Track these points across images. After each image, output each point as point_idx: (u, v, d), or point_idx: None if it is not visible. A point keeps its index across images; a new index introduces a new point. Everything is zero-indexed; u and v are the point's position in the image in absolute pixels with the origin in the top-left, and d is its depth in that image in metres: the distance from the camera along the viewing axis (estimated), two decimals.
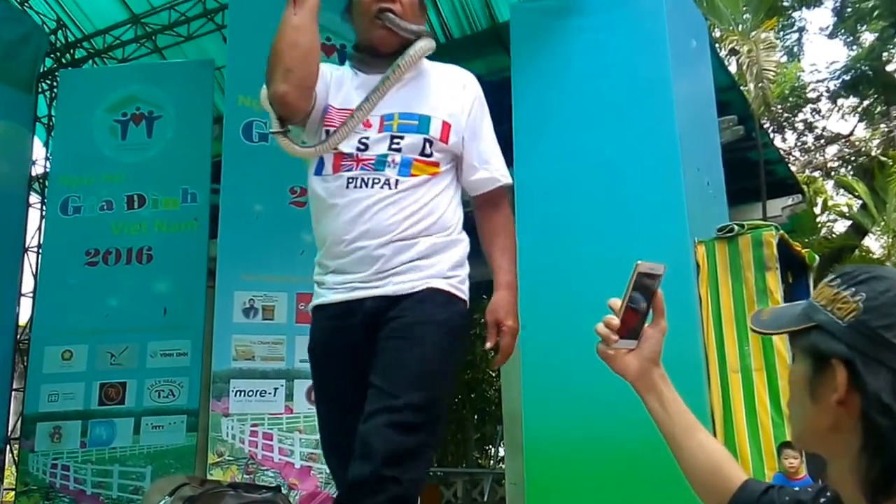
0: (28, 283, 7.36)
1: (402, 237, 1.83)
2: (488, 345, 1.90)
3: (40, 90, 7.70)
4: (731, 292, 4.27)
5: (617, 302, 1.14)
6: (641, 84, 4.37)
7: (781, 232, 4.38)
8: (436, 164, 1.91)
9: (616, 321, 1.14)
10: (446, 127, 1.92)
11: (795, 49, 16.38)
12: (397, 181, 1.85)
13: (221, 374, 5.44)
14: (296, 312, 5.60)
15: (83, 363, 6.23)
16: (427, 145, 1.89)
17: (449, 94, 1.99)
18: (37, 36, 7.50)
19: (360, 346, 1.80)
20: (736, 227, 4.29)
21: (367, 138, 1.87)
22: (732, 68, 9.35)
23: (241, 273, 5.57)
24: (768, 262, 4.18)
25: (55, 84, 7.62)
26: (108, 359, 6.16)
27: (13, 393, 7.18)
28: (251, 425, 5.48)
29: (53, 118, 7.48)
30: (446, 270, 1.88)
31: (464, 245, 1.95)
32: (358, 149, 1.87)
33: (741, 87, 7.66)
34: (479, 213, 2.06)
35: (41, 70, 7.65)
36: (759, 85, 8.07)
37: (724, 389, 4.18)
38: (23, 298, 7.35)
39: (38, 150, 7.78)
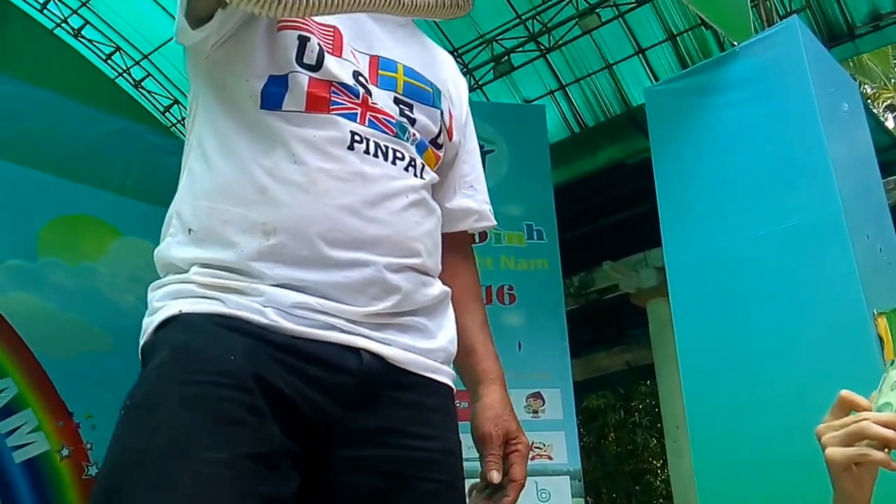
0: None
1: (425, 266, 1.10)
2: (494, 476, 1.09)
3: None
4: None
5: (856, 399, 0.87)
6: (793, 155, 4.18)
7: None
8: (437, 163, 1.20)
9: None
10: (451, 117, 1.24)
11: None
12: (423, 168, 1.13)
13: None
14: None
15: None
16: (441, 131, 1.19)
17: (448, 72, 1.29)
18: None
19: (330, 425, 0.97)
20: None
21: (363, 76, 1.10)
22: (890, 125, 8.84)
23: None
24: None
25: None
26: None
27: None
28: None
29: None
30: (455, 346, 1.16)
31: None
32: (360, 84, 1.08)
33: None
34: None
35: None
36: None
37: None
38: None
39: None
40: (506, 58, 7.07)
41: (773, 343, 3.89)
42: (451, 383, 1.12)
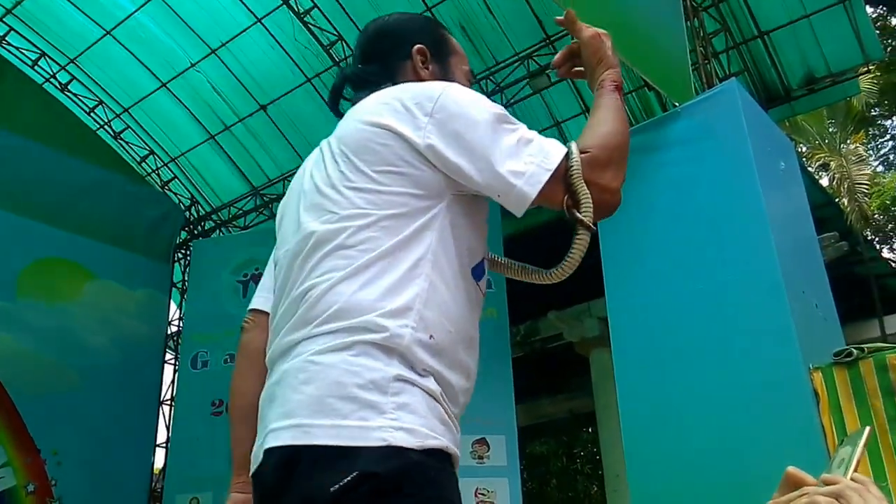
0: (162, 434, 7.28)
1: None
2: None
3: (176, 259, 7.93)
4: (857, 422, 3.53)
5: (802, 476, 0.82)
6: (732, 212, 3.89)
7: None
8: None
9: None
10: None
11: (893, 157, 14.98)
12: None
13: None
14: None
15: None
16: None
17: None
18: (174, 213, 7.83)
19: None
20: (855, 351, 3.59)
21: None
22: (824, 183, 8.64)
23: None
24: None
25: (188, 253, 7.84)
26: None
27: None
28: None
29: (187, 283, 7.65)
30: None
31: None
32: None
33: (837, 202, 6.97)
34: None
35: (177, 242, 7.93)
36: (854, 199, 7.30)
37: None
38: (159, 448, 7.26)
39: (173, 311, 7.95)
40: None
41: (710, 395, 3.58)
42: None
